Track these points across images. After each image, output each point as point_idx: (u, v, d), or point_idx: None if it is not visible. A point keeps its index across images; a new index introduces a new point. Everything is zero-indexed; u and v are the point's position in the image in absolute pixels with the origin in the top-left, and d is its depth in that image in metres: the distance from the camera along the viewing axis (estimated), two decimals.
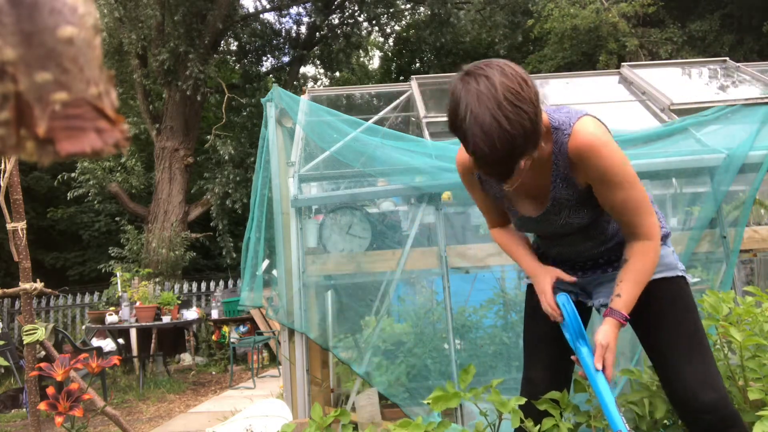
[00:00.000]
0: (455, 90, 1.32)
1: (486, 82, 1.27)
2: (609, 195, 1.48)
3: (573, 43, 11.13)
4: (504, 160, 1.29)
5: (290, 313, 2.99)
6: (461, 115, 1.29)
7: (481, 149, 1.27)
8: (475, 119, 1.25)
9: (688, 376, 1.48)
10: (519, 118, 1.25)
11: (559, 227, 1.59)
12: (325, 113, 3.52)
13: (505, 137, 1.24)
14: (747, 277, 3.54)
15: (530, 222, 1.62)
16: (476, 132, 1.25)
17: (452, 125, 1.34)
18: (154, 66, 10.40)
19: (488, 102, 1.25)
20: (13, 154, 0.33)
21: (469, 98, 1.27)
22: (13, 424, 5.45)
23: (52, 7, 0.33)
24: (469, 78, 1.30)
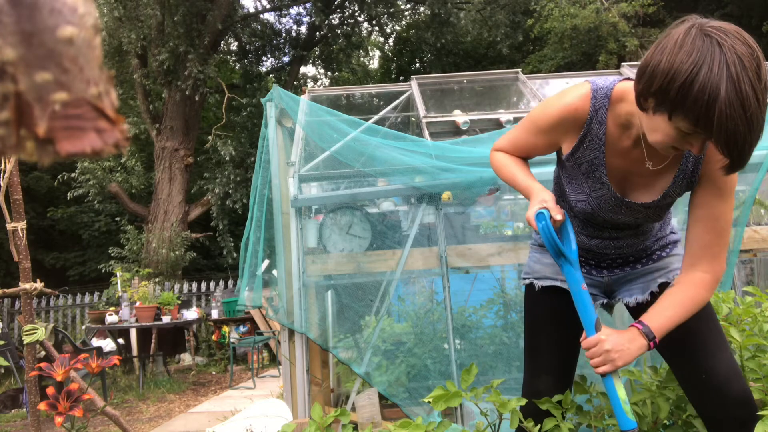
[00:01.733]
0: (696, 40, 1.12)
1: (746, 49, 1.09)
2: (716, 203, 1.35)
3: (573, 42, 11.13)
4: (753, 143, 1.12)
5: (290, 313, 2.98)
6: (712, 77, 1.07)
7: (736, 126, 1.08)
8: (737, 90, 1.06)
9: (726, 361, 1.42)
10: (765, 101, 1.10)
11: (633, 220, 1.48)
12: (325, 113, 3.52)
13: (760, 120, 1.09)
14: (747, 277, 3.54)
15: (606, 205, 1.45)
16: (735, 104, 1.06)
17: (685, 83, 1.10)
18: (154, 66, 10.40)
19: (751, 74, 1.08)
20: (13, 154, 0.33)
21: (728, 59, 1.08)
22: (13, 424, 5.45)
23: (52, 7, 0.33)
24: (719, 34, 1.12)
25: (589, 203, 1.49)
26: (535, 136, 1.50)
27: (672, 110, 1.14)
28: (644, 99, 1.21)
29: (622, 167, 1.42)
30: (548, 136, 1.48)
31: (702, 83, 1.08)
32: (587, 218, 1.54)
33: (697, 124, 1.12)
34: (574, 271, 1.45)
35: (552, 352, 1.63)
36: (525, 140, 1.54)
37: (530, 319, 1.70)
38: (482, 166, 2.99)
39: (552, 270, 1.65)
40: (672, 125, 1.17)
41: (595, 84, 1.40)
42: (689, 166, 1.38)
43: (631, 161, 1.41)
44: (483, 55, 14.82)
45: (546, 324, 1.64)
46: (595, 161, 1.43)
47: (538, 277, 1.67)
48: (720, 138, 1.11)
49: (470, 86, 4.59)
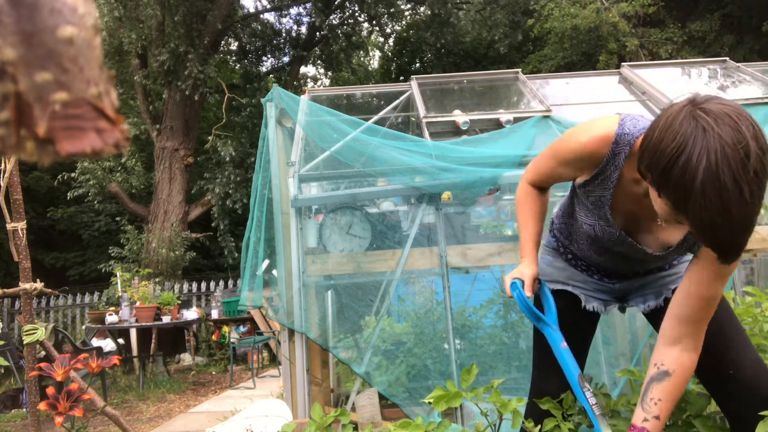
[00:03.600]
0: (683, 124, 1.07)
1: (733, 136, 1.02)
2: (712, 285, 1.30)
3: (573, 42, 11.13)
4: (735, 237, 1.07)
5: (290, 313, 2.98)
6: (690, 164, 1.03)
7: (711, 217, 1.03)
8: (714, 180, 1.01)
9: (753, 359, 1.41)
10: (760, 193, 1.03)
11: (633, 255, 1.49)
12: (325, 113, 3.52)
13: (744, 213, 1.03)
14: (747, 277, 3.53)
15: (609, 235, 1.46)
16: (711, 194, 1.01)
17: (666, 167, 1.07)
18: (154, 66, 10.41)
19: (734, 163, 1.01)
20: (13, 154, 0.33)
21: (709, 146, 1.02)
22: (13, 424, 5.45)
23: (52, 7, 0.33)
24: (707, 117, 1.05)
25: (594, 229, 1.50)
26: (557, 165, 1.50)
27: (658, 189, 1.13)
28: (643, 173, 1.19)
29: (632, 210, 1.40)
30: (567, 168, 1.48)
31: (680, 170, 1.05)
32: (593, 240, 1.55)
33: (676, 208, 1.10)
34: (552, 332, 1.55)
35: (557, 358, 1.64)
36: (547, 168, 1.55)
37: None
38: (482, 166, 2.99)
39: (563, 275, 1.67)
40: (662, 201, 1.14)
41: (622, 128, 1.33)
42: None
43: (642, 207, 1.37)
44: (483, 55, 14.82)
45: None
46: (602, 199, 1.42)
47: (549, 280, 1.68)
48: (695, 227, 1.09)
49: (470, 86, 4.59)
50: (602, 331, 3.03)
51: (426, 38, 13.32)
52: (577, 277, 1.66)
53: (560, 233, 1.70)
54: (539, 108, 3.71)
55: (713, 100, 1.09)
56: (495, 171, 2.93)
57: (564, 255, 1.69)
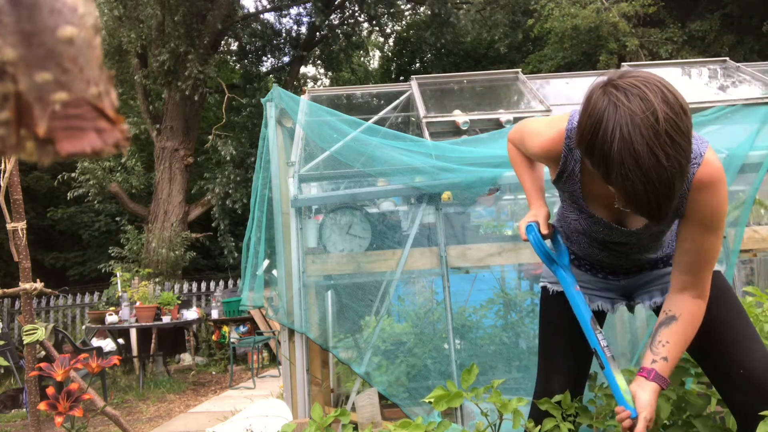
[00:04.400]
0: (597, 102, 1.14)
1: (641, 105, 1.08)
2: (702, 238, 1.34)
3: (573, 42, 11.13)
4: (660, 200, 1.11)
5: (290, 313, 2.98)
6: (606, 138, 1.10)
7: (633, 185, 1.09)
8: (629, 149, 1.08)
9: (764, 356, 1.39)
10: (677, 155, 1.08)
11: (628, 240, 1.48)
12: (325, 113, 3.52)
13: (663, 176, 1.08)
14: (747, 277, 3.53)
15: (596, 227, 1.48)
16: (629, 164, 1.08)
17: (588, 143, 1.14)
18: (154, 66, 10.41)
19: (645, 131, 1.07)
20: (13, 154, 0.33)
21: (620, 119, 1.09)
22: (13, 424, 5.45)
23: (52, 7, 0.33)
24: (617, 92, 1.12)
25: (581, 224, 1.51)
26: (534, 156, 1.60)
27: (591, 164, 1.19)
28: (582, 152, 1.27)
29: (607, 197, 1.39)
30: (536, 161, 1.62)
31: (600, 146, 1.12)
32: (586, 235, 1.55)
33: (606, 181, 1.16)
34: (565, 274, 1.53)
35: (566, 354, 1.63)
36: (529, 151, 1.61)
37: (545, 321, 1.71)
38: (482, 166, 2.99)
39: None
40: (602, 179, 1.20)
41: (571, 123, 1.38)
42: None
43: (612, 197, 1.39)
44: (483, 55, 14.82)
45: (560, 327, 1.64)
46: (574, 194, 1.46)
47: (553, 281, 1.68)
48: (622, 197, 1.15)
49: (470, 86, 4.59)
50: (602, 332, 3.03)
51: (426, 38, 13.32)
52: (582, 278, 1.65)
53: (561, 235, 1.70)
54: (539, 108, 3.71)
55: (626, 75, 1.15)
56: (495, 171, 2.93)
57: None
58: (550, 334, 1.69)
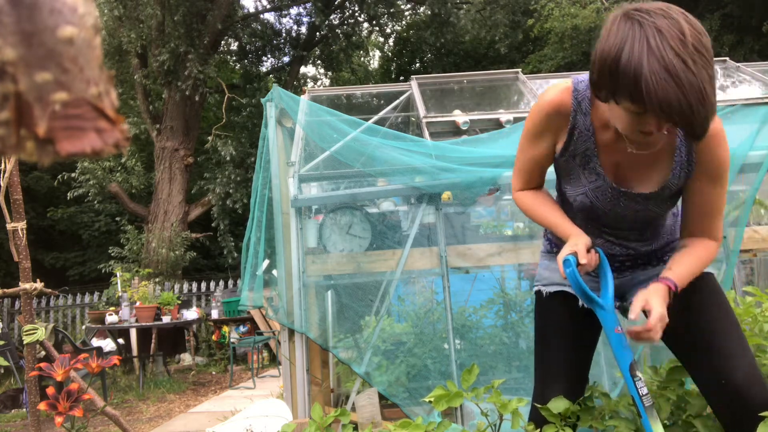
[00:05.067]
0: (620, 25, 1.17)
1: (666, 22, 1.13)
2: (710, 190, 1.40)
3: (573, 42, 11.13)
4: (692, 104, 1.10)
5: (290, 313, 2.98)
6: (633, 52, 1.12)
7: (667, 94, 1.10)
8: (658, 59, 1.10)
9: (746, 367, 1.39)
10: (705, 65, 1.11)
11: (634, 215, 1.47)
12: (325, 113, 3.52)
13: (694, 81, 1.10)
14: (747, 277, 3.53)
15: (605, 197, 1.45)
16: (659, 72, 1.09)
17: (613, 63, 1.15)
18: (154, 66, 10.41)
19: (672, 41, 1.10)
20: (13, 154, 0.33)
21: (647, 33, 1.12)
22: (13, 424, 5.45)
23: (52, 7, 0.33)
24: (641, 13, 1.15)
25: (587, 195, 1.48)
26: (534, 145, 1.51)
27: (613, 94, 1.20)
28: (597, 91, 1.27)
29: (615, 159, 1.43)
30: (544, 139, 1.49)
31: (625, 62, 1.13)
32: (589, 215, 1.52)
33: (633, 101, 1.16)
34: (606, 314, 1.44)
35: (563, 360, 1.60)
36: (528, 157, 1.54)
37: (540, 326, 1.67)
38: (482, 166, 2.99)
39: (559, 276, 1.60)
40: (621, 109, 1.22)
41: (576, 80, 1.43)
42: (683, 156, 1.40)
43: (622, 153, 1.41)
44: (483, 55, 14.82)
45: (556, 331, 1.61)
46: (587, 152, 1.45)
47: (546, 284, 1.65)
48: (655, 109, 1.14)
49: (470, 86, 4.59)
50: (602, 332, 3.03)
51: (426, 38, 13.32)
52: None
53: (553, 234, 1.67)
54: None
55: (643, 3, 1.19)
56: (495, 171, 2.93)
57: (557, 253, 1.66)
58: (545, 340, 1.64)
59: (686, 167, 1.39)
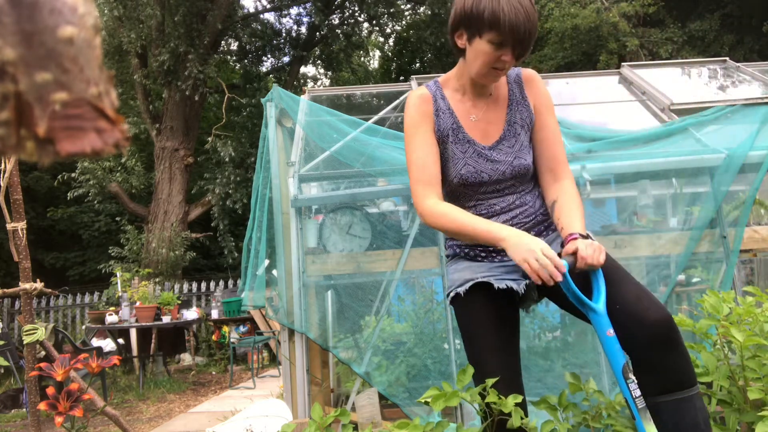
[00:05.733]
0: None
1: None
2: (549, 121, 1.68)
3: (573, 42, 11.13)
4: (532, 31, 1.50)
5: (290, 313, 2.99)
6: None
7: (517, 17, 1.46)
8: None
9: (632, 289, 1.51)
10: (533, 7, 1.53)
11: (510, 166, 1.64)
12: (325, 113, 3.52)
13: (533, 11, 1.50)
14: (747, 277, 3.54)
15: (481, 160, 1.65)
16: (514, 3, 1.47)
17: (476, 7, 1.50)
18: (154, 66, 10.41)
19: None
20: (13, 154, 0.33)
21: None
22: (13, 424, 5.45)
23: (52, 7, 0.33)
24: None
25: (468, 163, 1.65)
26: (421, 133, 1.67)
27: (479, 28, 1.52)
28: (459, 37, 1.61)
29: (478, 126, 1.68)
30: (425, 124, 1.68)
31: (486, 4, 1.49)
32: (473, 185, 1.66)
33: (491, 27, 1.49)
34: (599, 317, 1.48)
35: (494, 358, 1.58)
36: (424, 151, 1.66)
37: (464, 328, 1.66)
38: None
39: (468, 273, 1.66)
40: (484, 41, 1.52)
41: (423, 84, 1.78)
42: (517, 94, 1.69)
43: (481, 118, 1.68)
44: None
45: (479, 327, 1.61)
46: (453, 126, 1.68)
47: (459, 284, 1.66)
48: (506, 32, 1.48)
49: None
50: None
51: (426, 38, 13.32)
52: (481, 268, 1.66)
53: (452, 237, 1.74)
54: None
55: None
56: None
57: (461, 253, 1.72)
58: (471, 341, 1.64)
59: (522, 102, 1.69)
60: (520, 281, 1.62)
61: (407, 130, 1.70)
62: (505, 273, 1.63)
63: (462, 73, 1.68)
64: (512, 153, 1.65)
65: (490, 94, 1.69)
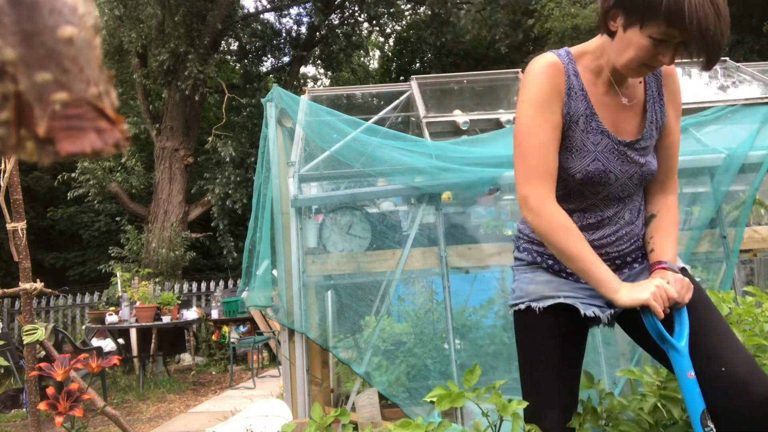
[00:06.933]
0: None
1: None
2: (676, 126, 1.50)
3: (573, 42, 11.09)
4: (723, 31, 1.22)
5: (290, 313, 2.99)
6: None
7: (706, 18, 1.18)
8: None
9: (747, 359, 1.33)
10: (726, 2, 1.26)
11: (639, 170, 1.44)
12: (325, 113, 3.52)
13: (726, 10, 1.23)
14: (747, 277, 3.53)
15: (612, 157, 1.42)
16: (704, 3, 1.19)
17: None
18: (154, 66, 10.41)
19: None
20: (13, 154, 0.33)
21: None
22: (13, 424, 5.45)
23: (52, 7, 0.33)
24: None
25: (599, 159, 1.41)
26: (547, 116, 1.38)
27: (643, 17, 1.24)
28: (613, 18, 1.32)
29: (610, 116, 1.44)
30: (554, 103, 1.39)
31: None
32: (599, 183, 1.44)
33: (669, 23, 1.21)
34: (680, 357, 1.35)
35: (557, 383, 1.49)
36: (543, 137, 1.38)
37: (529, 347, 1.54)
38: (482, 166, 2.99)
39: (549, 287, 1.51)
40: (644, 35, 1.26)
41: (552, 51, 1.47)
42: (654, 91, 1.48)
43: (614, 107, 1.45)
44: (483, 54, 14.82)
45: (549, 351, 1.50)
46: (586, 112, 1.41)
47: (535, 298, 1.50)
48: (693, 32, 1.20)
49: (470, 86, 4.59)
50: (602, 331, 3.03)
51: (426, 38, 13.32)
52: (564, 287, 1.50)
53: (532, 241, 1.56)
54: None
55: None
56: (495, 171, 2.93)
57: (543, 264, 1.53)
58: (536, 362, 1.52)
59: (659, 102, 1.48)
60: (604, 309, 1.48)
61: (526, 104, 1.39)
62: (590, 297, 1.48)
63: (603, 53, 1.40)
64: (646, 155, 1.45)
65: (626, 85, 1.45)
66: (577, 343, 1.53)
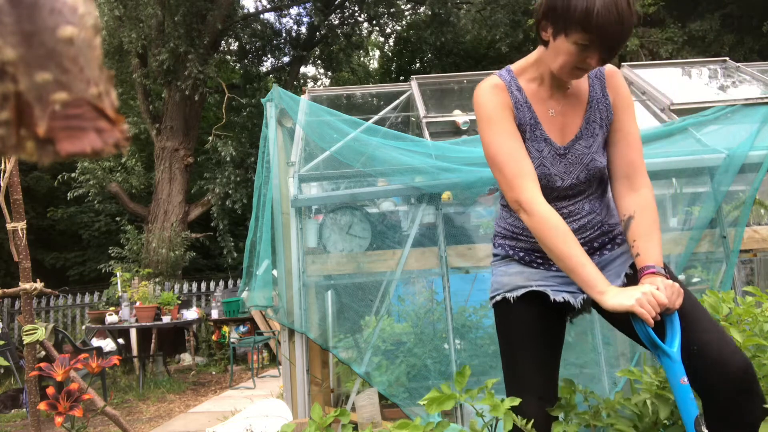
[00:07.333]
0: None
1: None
2: (628, 123, 1.56)
3: None
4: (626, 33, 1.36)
5: (290, 313, 2.99)
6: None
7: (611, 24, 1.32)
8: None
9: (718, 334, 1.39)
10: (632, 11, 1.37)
11: (584, 168, 1.53)
12: (325, 113, 3.52)
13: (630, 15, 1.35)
14: (747, 277, 3.53)
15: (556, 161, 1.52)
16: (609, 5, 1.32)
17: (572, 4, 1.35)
18: (154, 66, 10.41)
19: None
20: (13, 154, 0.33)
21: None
22: (13, 424, 5.45)
23: (52, 7, 0.33)
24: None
25: (544, 164, 1.54)
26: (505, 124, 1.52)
27: (565, 26, 1.38)
28: (544, 29, 1.46)
29: (556, 120, 1.55)
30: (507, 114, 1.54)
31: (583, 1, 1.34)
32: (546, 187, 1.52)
33: (584, 31, 1.35)
34: (672, 363, 1.36)
35: (535, 370, 1.54)
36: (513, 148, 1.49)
37: (507, 336, 1.60)
38: (482, 166, 2.98)
39: (521, 278, 1.58)
40: (570, 41, 1.38)
41: (498, 73, 1.60)
42: (598, 91, 1.57)
43: (559, 111, 1.56)
44: (483, 54, 14.81)
45: (525, 339, 1.55)
46: (531, 122, 1.54)
47: (509, 289, 1.58)
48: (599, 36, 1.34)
49: (470, 86, 4.59)
50: (602, 332, 3.03)
51: (426, 38, 13.31)
52: (535, 276, 1.57)
53: (504, 237, 1.64)
54: None
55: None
56: None
57: (515, 256, 1.61)
58: (514, 350, 1.58)
59: (603, 100, 1.56)
60: (576, 294, 1.53)
61: (484, 124, 1.52)
62: (561, 284, 1.54)
63: (542, 62, 1.53)
64: (588, 154, 1.54)
65: (568, 88, 1.56)
66: (553, 330, 1.59)
